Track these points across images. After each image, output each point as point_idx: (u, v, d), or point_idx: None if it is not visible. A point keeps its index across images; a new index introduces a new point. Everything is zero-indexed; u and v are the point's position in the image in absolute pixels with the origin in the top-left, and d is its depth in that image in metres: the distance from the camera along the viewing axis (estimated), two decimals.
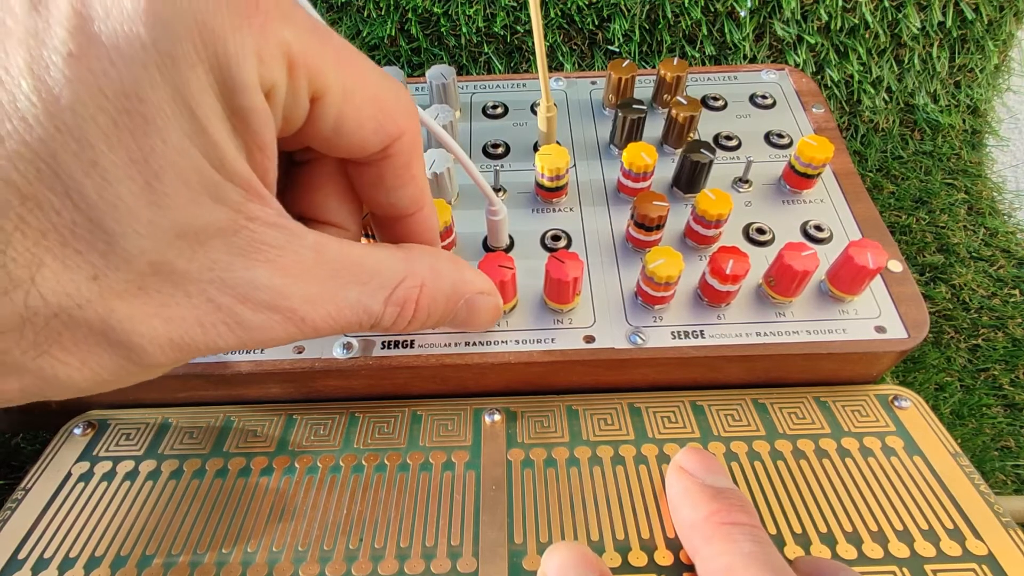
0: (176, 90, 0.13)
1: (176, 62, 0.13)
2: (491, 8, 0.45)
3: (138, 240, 0.13)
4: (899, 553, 0.23)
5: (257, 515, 0.24)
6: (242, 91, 0.14)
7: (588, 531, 0.24)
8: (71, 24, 0.12)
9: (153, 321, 0.14)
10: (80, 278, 0.13)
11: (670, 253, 0.26)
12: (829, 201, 0.32)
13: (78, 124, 0.12)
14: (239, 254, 0.15)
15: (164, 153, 0.13)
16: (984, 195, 0.48)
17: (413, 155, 0.20)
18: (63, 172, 0.12)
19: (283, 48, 0.14)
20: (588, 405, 0.28)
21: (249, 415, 0.28)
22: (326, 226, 0.21)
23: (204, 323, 0.15)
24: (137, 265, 0.14)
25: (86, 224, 0.13)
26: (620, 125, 0.33)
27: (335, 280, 0.18)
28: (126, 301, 0.14)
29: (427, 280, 0.20)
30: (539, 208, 0.32)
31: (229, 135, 0.14)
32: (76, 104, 0.12)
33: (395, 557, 0.23)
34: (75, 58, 0.12)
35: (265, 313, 0.16)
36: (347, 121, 0.17)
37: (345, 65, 0.16)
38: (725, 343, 0.27)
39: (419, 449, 0.26)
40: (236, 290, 0.15)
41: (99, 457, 0.27)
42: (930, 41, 0.47)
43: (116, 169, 0.13)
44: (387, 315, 0.19)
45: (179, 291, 0.15)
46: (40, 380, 0.14)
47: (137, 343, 0.14)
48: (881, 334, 0.27)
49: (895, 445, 0.26)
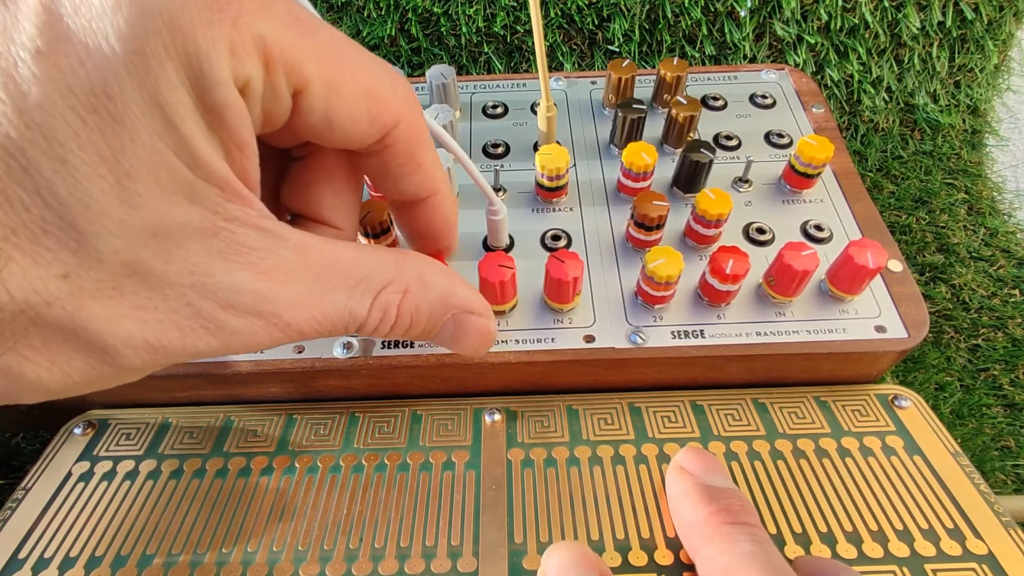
0: (145, 87, 0.13)
1: (145, 59, 0.13)
2: (491, 8, 0.45)
3: (111, 239, 0.13)
4: (899, 552, 0.23)
5: (257, 515, 0.24)
6: (214, 87, 0.14)
7: (588, 531, 0.24)
8: (40, 20, 0.12)
9: (127, 322, 0.14)
10: (49, 275, 0.13)
11: (670, 253, 0.26)
12: (829, 201, 0.32)
13: (47, 121, 0.12)
14: (219, 256, 0.15)
15: (134, 151, 0.13)
16: (984, 195, 0.48)
17: (416, 143, 0.19)
18: (33, 169, 0.12)
19: (257, 42, 0.14)
20: (588, 405, 0.28)
21: (249, 415, 0.28)
22: (321, 225, 0.21)
23: (183, 327, 0.15)
24: (110, 265, 0.13)
25: (57, 222, 0.13)
26: (620, 125, 0.33)
27: (320, 283, 0.17)
28: (99, 301, 0.14)
29: (412, 287, 0.19)
30: (539, 208, 0.32)
31: (203, 132, 0.14)
32: (45, 102, 0.12)
33: (395, 557, 0.23)
34: (43, 55, 0.12)
35: (247, 318, 0.16)
36: (338, 113, 0.17)
37: (329, 56, 0.16)
38: (725, 343, 0.27)
39: (419, 449, 0.26)
40: (216, 295, 0.15)
41: (99, 457, 0.27)
42: (930, 41, 0.47)
43: (86, 167, 0.12)
44: (371, 319, 0.19)
45: (156, 293, 0.14)
46: (6, 379, 0.14)
47: (110, 343, 0.14)
48: (881, 334, 0.27)
49: (895, 445, 0.26)
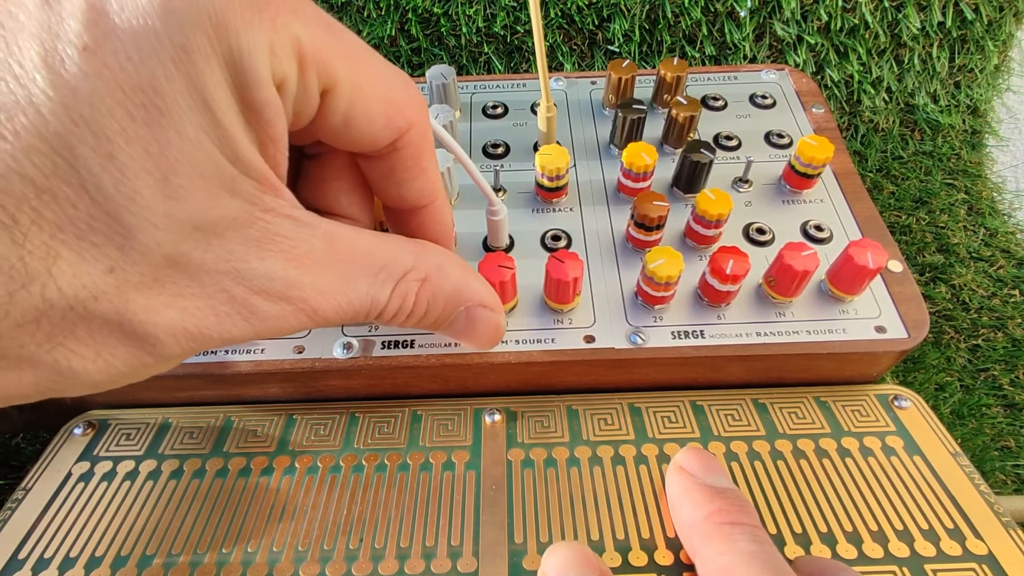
0: (191, 83, 0.13)
1: (191, 55, 0.13)
2: (491, 8, 0.45)
3: (155, 233, 0.13)
4: (899, 553, 0.23)
5: (257, 515, 0.24)
6: (255, 85, 0.14)
7: (588, 531, 0.24)
8: (86, 18, 0.12)
9: (168, 311, 0.14)
10: (96, 271, 0.13)
11: (670, 253, 0.26)
12: (829, 201, 0.32)
13: (95, 117, 0.12)
14: (254, 245, 0.15)
15: (180, 146, 0.13)
16: (984, 195, 0.48)
17: (423, 148, 0.20)
18: (80, 165, 0.12)
19: (294, 42, 0.15)
20: (588, 405, 0.28)
21: (249, 415, 0.28)
22: (338, 218, 0.21)
23: (218, 312, 0.15)
24: (153, 258, 0.14)
25: (103, 217, 0.13)
26: (620, 125, 0.33)
27: (347, 270, 0.18)
28: (142, 293, 0.14)
29: (431, 275, 0.20)
30: (539, 208, 0.32)
31: (243, 128, 0.14)
32: (93, 97, 0.12)
33: (395, 557, 0.23)
34: (91, 52, 0.12)
35: (278, 303, 0.16)
36: (357, 114, 0.17)
37: (355, 59, 0.16)
38: (725, 343, 0.27)
39: (419, 449, 0.26)
40: (251, 281, 0.15)
41: (99, 457, 0.27)
42: (930, 41, 0.47)
43: (133, 163, 0.13)
44: (390, 306, 0.19)
45: (194, 282, 0.15)
46: (54, 373, 0.14)
47: (152, 333, 0.14)
48: (881, 334, 0.27)
49: (895, 445, 0.26)
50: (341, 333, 0.28)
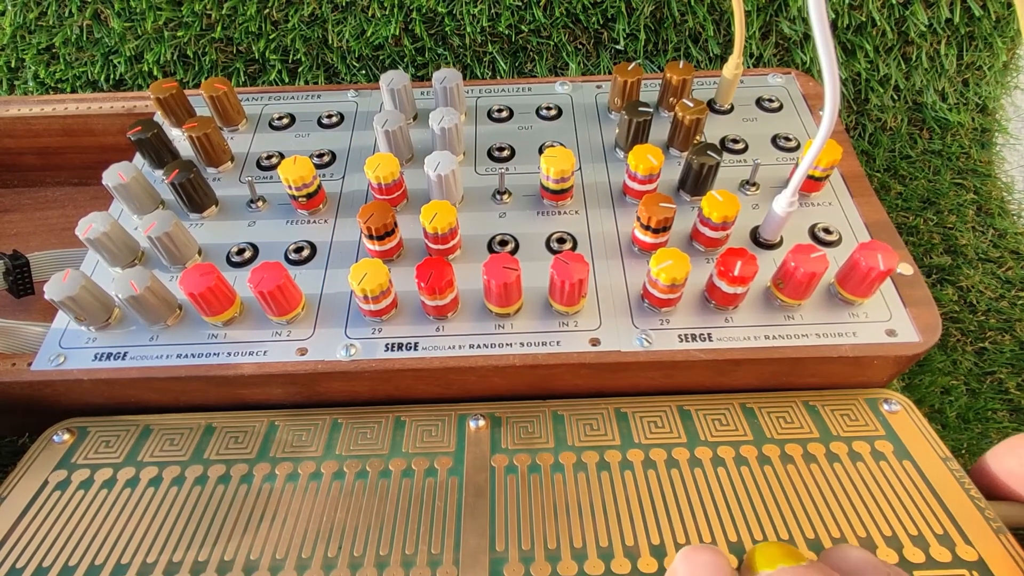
0: None
1: None
2: (495, 7, 0.45)
3: None
4: (888, 559, 0.22)
5: (235, 523, 0.24)
6: None
7: (571, 538, 0.23)
8: None
9: None
10: None
11: (677, 255, 0.25)
12: (838, 204, 0.32)
13: None
14: None
15: None
16: (994, 195, 0.47)
17: None
18: None
19: None
20: (574, 410, 0.27)
21: (231, 421, 0.28)
22: None
23: None
24: None
25: None
26: (626, 128, 0.33)
27: None
28: None
29: None
30: (544, 211, 0.32)
31: None
32: None
33: (374, 565, 0.23)
34: None
35: None
36: None
37: None
38: (733, 346, 0.27)
39: (401, 455, 0.26)
40: None
41: (77, 464, 0.26)
42: (938, 38, 0.47)
43: None
44: None
45: None
46: None
47: None
48: (892, 338, 0.27)
49: (884, 449, 0.26)
50: (344, 335, 0.27)
